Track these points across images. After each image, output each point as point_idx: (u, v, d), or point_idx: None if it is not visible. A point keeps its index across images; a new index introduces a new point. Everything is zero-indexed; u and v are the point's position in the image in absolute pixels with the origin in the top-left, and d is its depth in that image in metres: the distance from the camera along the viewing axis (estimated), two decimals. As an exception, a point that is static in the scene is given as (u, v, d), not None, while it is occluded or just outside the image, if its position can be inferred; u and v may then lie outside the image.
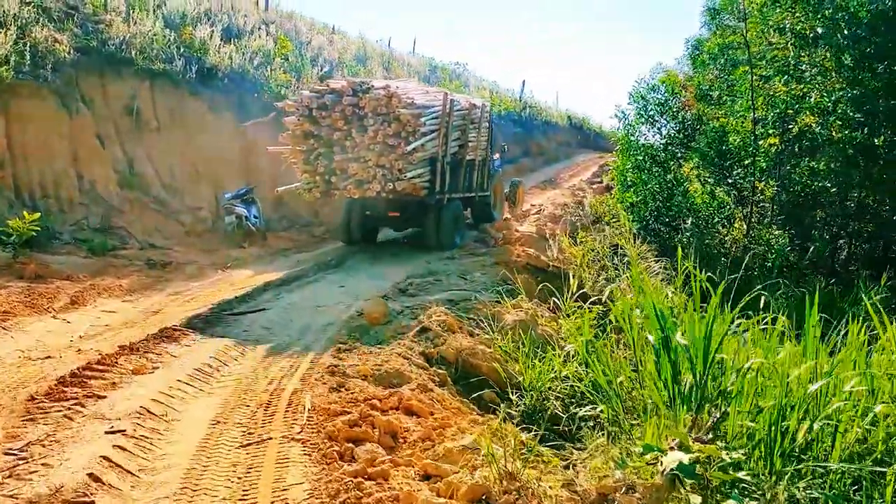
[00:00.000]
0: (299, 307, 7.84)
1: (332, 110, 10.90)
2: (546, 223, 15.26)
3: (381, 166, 10.67)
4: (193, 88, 13.83)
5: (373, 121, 10.66)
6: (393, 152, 10.62)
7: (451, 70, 30.09)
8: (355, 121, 10.83)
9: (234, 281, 9.50)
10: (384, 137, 10.64)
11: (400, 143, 10.59)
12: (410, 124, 10.60)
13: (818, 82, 13.39)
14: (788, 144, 13.89)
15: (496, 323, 6.98)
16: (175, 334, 6.22)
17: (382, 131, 10.63)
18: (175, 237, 11.83)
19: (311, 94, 11.27)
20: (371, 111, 10.69)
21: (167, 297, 8.30)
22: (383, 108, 10.64)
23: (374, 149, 10.65)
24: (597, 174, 23.63)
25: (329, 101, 10.95)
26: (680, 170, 14.60)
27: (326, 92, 11.14)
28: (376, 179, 10.69)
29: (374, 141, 10.67)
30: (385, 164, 10.65)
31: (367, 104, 10.69)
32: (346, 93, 10.92)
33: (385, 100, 10.62)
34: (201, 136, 13.63)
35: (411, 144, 10.57)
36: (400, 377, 4.99)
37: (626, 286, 9.47)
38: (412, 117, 10.59)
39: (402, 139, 10.63)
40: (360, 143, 10.74)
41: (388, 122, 10.64)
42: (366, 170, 10.73)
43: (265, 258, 11.37)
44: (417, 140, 10.66)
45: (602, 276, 10.94)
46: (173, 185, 12.94)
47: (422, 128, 10.69)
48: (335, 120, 10.89)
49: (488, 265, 10.39)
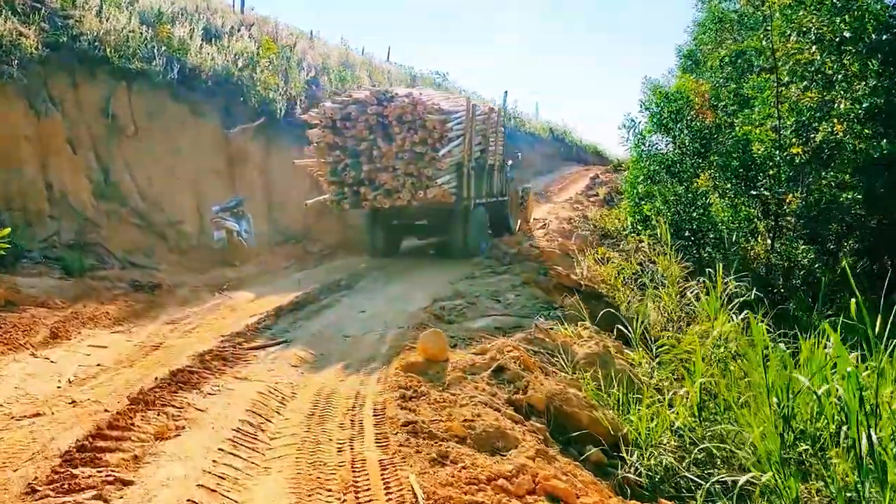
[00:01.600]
0: (325, 338, 6.67)
1: (357, 121, 10.77)
2: (556, 238, 14.33)
3: (410, 174, 10.54)
4: (174, 90, 12.53)
5: (398, 129, 10.57)
6: (421, 160, 10.50)
7: (431, 79, 29.13)
8: (379, 130, 10.71)
9: (236, 305, 8.28)
10: (411, 145, 10.53)
11: (427, 150, 10.48)
12: (437, 130, 10.43)
13: (843, 88, 12.73)
14: (812, 154, 13.18)
15: (566, 356, 5.95)
16: (191, 378, 5.01)
17: (409, 139, 10.52)
18: (158, 254, 10.54)
19: (334, 105, 11.16)
20: (395, 119, 10.59)
21: (164, 326, 7.06)
22: (408, 116, 10.54)
23: (403, 157, 10.55)
24: (590, 187, 22.83)
25: (353, 111, 10.84)
26: (697, 181, 13.77)
27: (349, 102, 11.03)
28: (406, 188, 10.54)
29: (402, 149, 10.56)
30: (413, 171, 10.53)
31: (391, 112, 10.59)
32: (371, 102, 10.81)
33: (410, 107, 10.52)
34: (183, 141, 12.34)
35: (441, 150, 10.41)
36: (503, 438, 3.90)
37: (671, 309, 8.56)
38: (439, 123, 10.42)
39: (428, 146, 10.50)
40: (386, 152, 10.61)
41: (413, 129, 10.53)
42: (395, 179, 10.60)
43: (263, 278, 10.14)
44: (446, 146, 10.49)
45: (638, 297, 10.03)
46: (153, 196, 11.62)
47: (449, 133, 10.54)
48: (360, 130, 10.77)
49: (517, 284, 9.37)
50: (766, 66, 15.12)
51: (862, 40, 12.47)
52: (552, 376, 5.49)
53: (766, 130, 13.27)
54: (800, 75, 13.03)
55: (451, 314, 7.63)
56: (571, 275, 10.08)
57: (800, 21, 12.65)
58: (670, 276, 9.28)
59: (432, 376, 5.14)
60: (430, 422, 4.09)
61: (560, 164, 29.26)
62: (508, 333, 6.76)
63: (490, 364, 5.14)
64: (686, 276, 10.45)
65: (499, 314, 7.65)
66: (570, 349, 6.07)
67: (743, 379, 4.93)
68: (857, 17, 12.40)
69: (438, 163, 10.40)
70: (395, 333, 6.85)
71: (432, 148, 10.43)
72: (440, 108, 10.57)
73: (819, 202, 12.90)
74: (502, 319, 7.34)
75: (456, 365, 5.24)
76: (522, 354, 5.37)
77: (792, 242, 12.98)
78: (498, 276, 10.19)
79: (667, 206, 13.65)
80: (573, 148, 33.42)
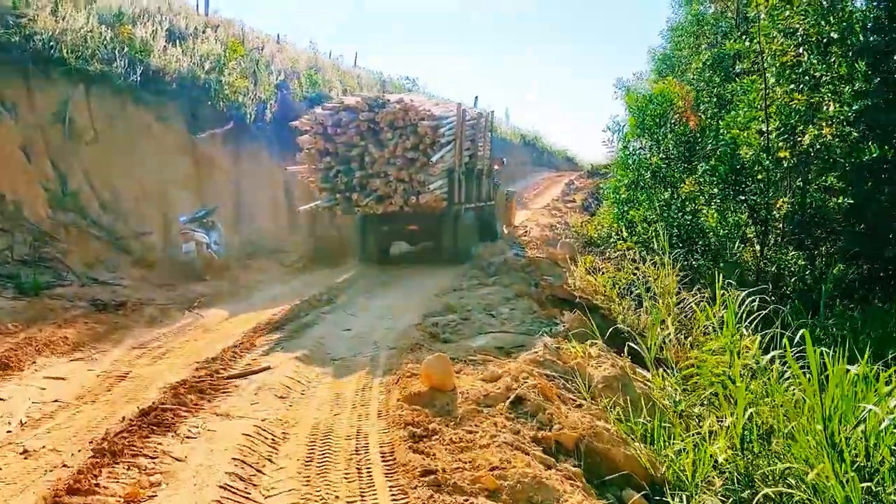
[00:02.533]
0: (311, 363, 6.04)
1: (348, 127, 10.80)
2: (539, 245, 13.86)
3: (402, 180, 10.58)
4: (136, 94, 11.74)
5: (390, 135, 10.63)
6: (413, 165, 10.55)
7: (401, 84, 28.57)
8: (370, 136, 10.75)
9: (209, 325, 7.60)
10: (403, 151, 10.57)
11: (419, 156, 10.53)
12: (429, 136, 10.51)
13: (831, 90, 12.48)
14: (799, 158, 12.90)
15: (581, 379, 5.42)
16: (165, 417, 4.35)
17: (401, 145, 10.57)
18: (122, 269, 9.76)
19: (325, 111, 11.18)
20: (387, 125, 10.66)
21: (130, 351, 6.36)
22: (400, 122, 10.61)
23: (395, 163, 10.60)
24: (566, 193, 22.45)
25: (344, 117, 10.87)
26: (682, 186, 13.41)
27: (341, 108, 11.06)
28: (398, 194, 10.58)
29: (394, 155, 10.60)
30: (405, 177, 10.56)
31: (382, 119, 10.66)
32: (362, 108, 10.85)
33: (401, 113, 10.61)
34: (147, 148, 11.56)
35: (434, 156, 10.45)
36: (542, 490, 3.32)
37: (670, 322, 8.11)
38: (431, 129, 10.51)
39: (420, 151, 10.55)
40: (378, 158, 10.66)
41: (405, 135, 10.59)
42: (387, 185, 10.64)
43: (237, 294, 9.44)
44: (438, 151, 10.54)
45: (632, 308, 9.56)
46: (115, 207, 10.83)
47: (440, 139, 10.60)
48: (351, 136, 10.79)
49: (510, 297, 8.81)
50: (750, 68, 14.90)
51: (849, 42, 12.24)
52: (571, 404, 4.95)
53: (753, 134, 12.96)
54: (787, 77, 12.75)
55: (446, 332, 7.05)
56: (564, 286, 9.59)
57: (786, 22, 12.38)
58: (667, 287, 8.86)
59: (441, 409, 4.55)
60: (451, 470, 3.51)
61: (532, 170, 28.90)
62: (512, 353, 6.21)
63: (507, 394, 4.57)
64: (679, 286, 10.03)
65: (497, 331, 7.07)
66: (584, 372, 5.53)
67: (787, 405, 4.44)
68: (844, 18, 12.19)
69: (431, 168, 10.42)
70: (387, 355, 6.26)
71: (424, 154, 10.47)
72: (432, 114, 10.64)
73: (807, 207, 12.63)
74: (502, 337, 6.77)
75: (467, 395, 4.66)
76: (541, 382, 4.82)
77: (781, 249, 12.67)
78: (487, 287, 9.63)
79: (653, 213, 13.27)
80: (544, 153, 33.14)
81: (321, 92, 16.92)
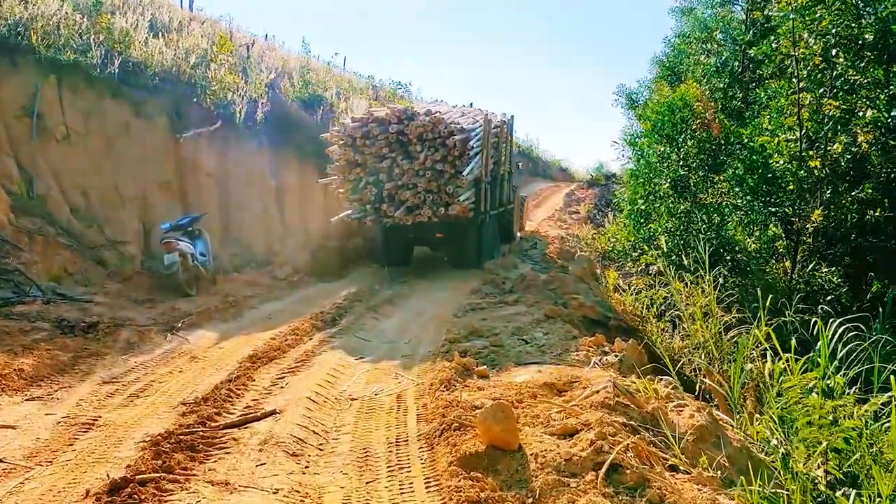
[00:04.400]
0: (325, 403, 4.94)
1: (377, 139, 10.88)
2: (552, 259, 12.83)
3: (430, 191, 10.63)
4: (115, 88, 10.55)
5: (419, 147, 10.73)
6: (441, 177, 10.62)
7: (392, 91, 27.52)
8: (398, 148, 10.84)
9: (196, 352, 6.46)
10: (432, 163, 10.64)
11: (446, 168, 10.62)
12: (458, 148, 10.58)
13: (865, 96, 11.61)
14: (831, 167, 12.00)
15: (666, 429, 4.36)
16: (141, 495, 3.23)
17: (431, 157, 10.63)
18: (94, 283, 8.57)
19: (355, 123, 11.20)
20: (416, 138, 10.75)
21: (101, 388, 5.21)
22: (429, 135, 10.69)
23: (424, 175, 10.65)
24: (568, 203, 21.49)
25: (373, 129, 10.92)
26: (704, 197, 12.47)
27: (370, 120, 11.08)
28: (426, 205, 10.60)
29: (423, 167, 10.65)
30: (434, 188, 10.62)
31: (412, 132, 10.73)
32: (392, 121, 10.92)
33: (430, 126, 10.70)
34: (125, 147, 10.38)
35: (466, 169, 10.53)
36: None
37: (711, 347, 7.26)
38: (461, 142, 10.60)
39: (448, 163, 10.63)
40: (407, 170, 10.71)
41: (434, 147, 10.68)
42: (416, 196, 10.66)
43: (226, 312, 8.30)
44: (470, 164, 10.60)
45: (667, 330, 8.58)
46: (88, 212, 9.65)
47: (470, 151, 10.66)
48: (379, 148, 10.86)
49: (541, 319, 7.75)
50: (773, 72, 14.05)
51: (885, 45, 11.39)
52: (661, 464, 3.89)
53: (782, 141, 12.05)
54: (817, 81, 11.88)
55: (480, 362, 5.97)
56: (597, 307, 8.56)
57: (817, 23, 11.50)
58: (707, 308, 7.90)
59: (509, 479, 3.47)
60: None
61: (528, 179, 27.94)
62: (565, 392, 5.16)
63: (594, 458, 3.50)
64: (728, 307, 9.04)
65: (536, 361, 6.02)
66: (666, 418, 4.47)
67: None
68: (881, 20, 11.33)
69: (460, 180, 10.53)
70: (416, 393, 5.18)
71: (452, 165, 10.58)
72: (462, 128, 10.79)
73: (843, 221, 11.71)
74: (546, 369, 5.70)
75: (540, 459, 3.59)
76: (638, 443, 3.75)
77: (814, 265, 11.74)
78: (510, 307, 8.57)
79: (675, 224, 12.30)
80: (539, 163, 32.24)
81: (315, 93, 15.81)
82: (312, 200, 13.57)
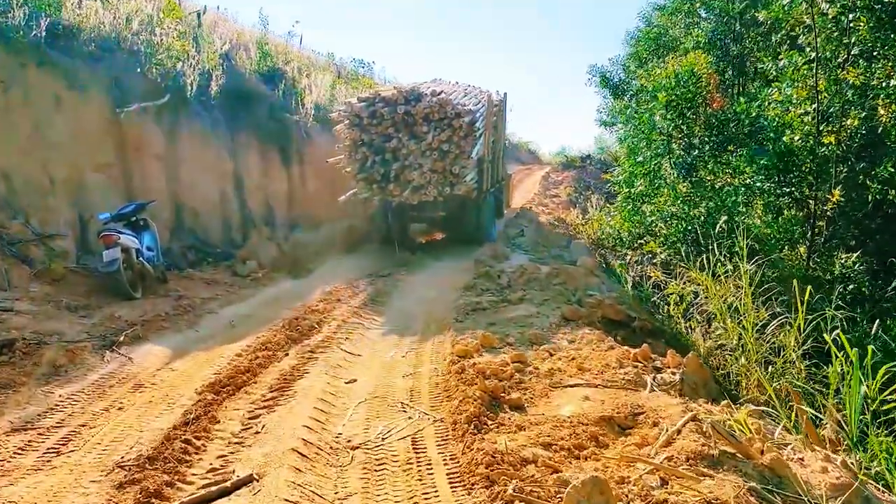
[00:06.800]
0: (319, 457, 3.64)
1: (383, 118, 10.86)
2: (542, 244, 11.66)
3: (435, 171, 10.64)
4: (42, 54, 8.95)
5: (426, 127, 10.72)
6: (447, 157, 10.64)
7: (354, 70, 25.95)
8: (404, 128, 10.80)
9: (141, 377, 5.09)
10: (438, 144, 10.65)
11: (451, 148, 10.65)
12: (464, 129, 10.65)
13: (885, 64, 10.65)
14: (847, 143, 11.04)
15: (796, 488, 3.19)
16: None
17: (437, 137, 10.63)
18: (17, 286, 7.06)
19: (362, 102, 11.11)
20: (422, 118, 10.73)
21: (7, 441, 3.83)
22: (435, 115, 10.69)
23: (430, 155, 10.65)
24: (546, 187, 20.33)
25: (380, 109, 10.90)
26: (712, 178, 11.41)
27: (377, 100, 11.04)
28: (431, 184, 10.60)
29: (430, 147, 10.64)
30: (439, 168, 10.64)
31: (418, 112, 10.72)
32: (399, 101, 10.88)
33: (437, 107, 10.68)
34: (55, 124, 8.81)
35: (473, 149, 10.65)
36: None
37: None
38: (468, 124, 10.66)
39: (454, 144, 10.66)
40: (413, 150, 10.70)
41: (440, 128, 10.69)
42: (422, 176, 10.65)
43: (179, 320, 6.89)
44: (475, 144, 10.68)
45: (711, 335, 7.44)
46: (10, 200, 8.10)
47: (476, 132, 10.72)
48: (385, 128, 10.86)
49: (558, 323, 6.55)
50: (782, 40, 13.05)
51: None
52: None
53: (796, 115, 11.03)
54: (833, 47, 10.88)
55: (504, 385, 4.72)
56: (618, 306, 7.38)
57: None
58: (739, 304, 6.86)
59: None
60: None
61: (500, 162, 26.79)
62: (631, 430, 3.97)
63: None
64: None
65: (575, 384, 4.80)
66: (784, 472, 3.30)
67: None
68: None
69: (467, 161, 10.60)
70: (436, 436, 3.92)
71: (457, 145, 10.61)
72: (469, 109, 10.79)
73: (863, 202, 10.77)
74: (596, 395, 4.49)
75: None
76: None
77: (833, 250, 10.79)
78: (514, 306, 7.36)
79: (680, 210, 11.21)
80: (507, 146, 31.09)
81: (276, 66, 14.30)
82: (276, 185, 12.14)
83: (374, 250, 11.46)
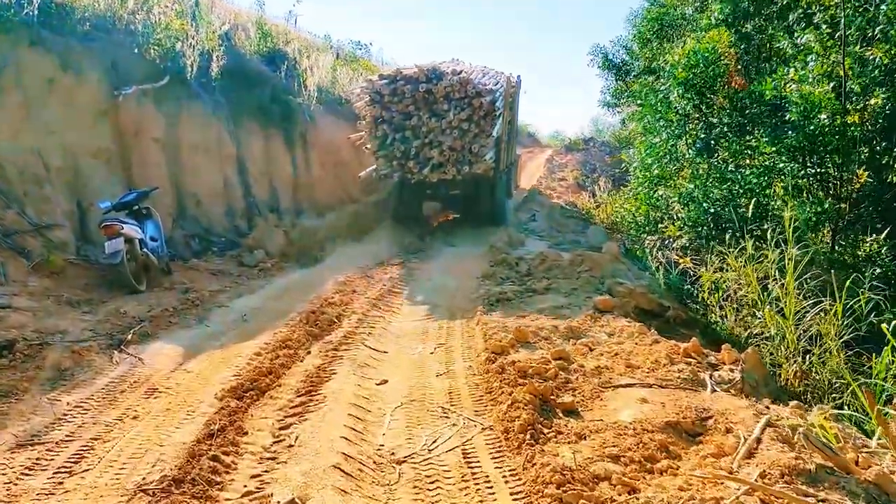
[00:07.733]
0: (363, 475, 3.26)
1: (404, 96, 10.90)
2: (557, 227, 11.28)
3: (455, 150, 10.67)
4: (34, 34, 8.46)
5: (446, 106, 10.75)
6: (466, 136, 10.66)
7: (352, 52, 25.40)
8: (424, 106, 10.84)
9: (155, 380, 4.70)
10: (459, 122, 10.68)
11: (471, 127, 10.66)
12: (484, 108, 10.64)
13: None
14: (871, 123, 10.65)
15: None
16: None
17: (458, 116, 10.65)
18: (15, 281, 6.64)
19: (383, 80, 11.16)
20: (443, 97, 10.76)
21: (11, 459, 3.44)
22: (456, 94, 10.72)
23: (451, 133, 10.67)
24: (551, 170, 19.91)
25: (401, 87, 10.94)
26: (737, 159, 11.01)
27: (398, 78, 11.07)
28: (450, 162, 10.64)
29: (450, 126, 10.67)
30: (458, 147, 10.66)
31: (439, 91, 10.74)
32: (421, 79, 10.92)
33: (458, 86, 10.70)
34: (50, 108, 8.32)
35: (493, 129, 10.66)
36: None
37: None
38: (488, 103, 10.65)
39: (473, 122, 10.67)
40: (434, 128, 10.74)
41: (461, 107, 10.70)
42: (441, 154, 10.70)
43: (187, 314, 6.49)
44: (495, 123, 10.69)
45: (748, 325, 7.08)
46: (5, 189, 7.64)
47: (496, 112, 10.71)
48: (405, 106, 10.89)
49: (594, 315, 6.18)
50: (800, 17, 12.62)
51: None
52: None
53: (822, 93, 10.62)
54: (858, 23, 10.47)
55: (549, 385, 4.34)
56: (649, 295, 7.02)
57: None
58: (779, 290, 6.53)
59: None
60: None
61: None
62: (697, 437, 3.61)
63: None
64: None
65: (627, 384, 4.43)
66: (892, 489, 2.94)
67: None
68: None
69: (486, 139, 10.60)
70: (487, 444, 3.55)
71: (477, 124, 10.63)
72: (489, 89, 10.80)
73: (890, 183, 10.40)
74: (654, 397, 4.12)
75: None
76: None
77: (859, 234, 10.43)
78: (542, 295, 6.99)
79: (701, 192, 10.81)
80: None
81: (277, 47, 13.80)
82: (281, 170, 11.69)
83: (383, 236, 11.09)
